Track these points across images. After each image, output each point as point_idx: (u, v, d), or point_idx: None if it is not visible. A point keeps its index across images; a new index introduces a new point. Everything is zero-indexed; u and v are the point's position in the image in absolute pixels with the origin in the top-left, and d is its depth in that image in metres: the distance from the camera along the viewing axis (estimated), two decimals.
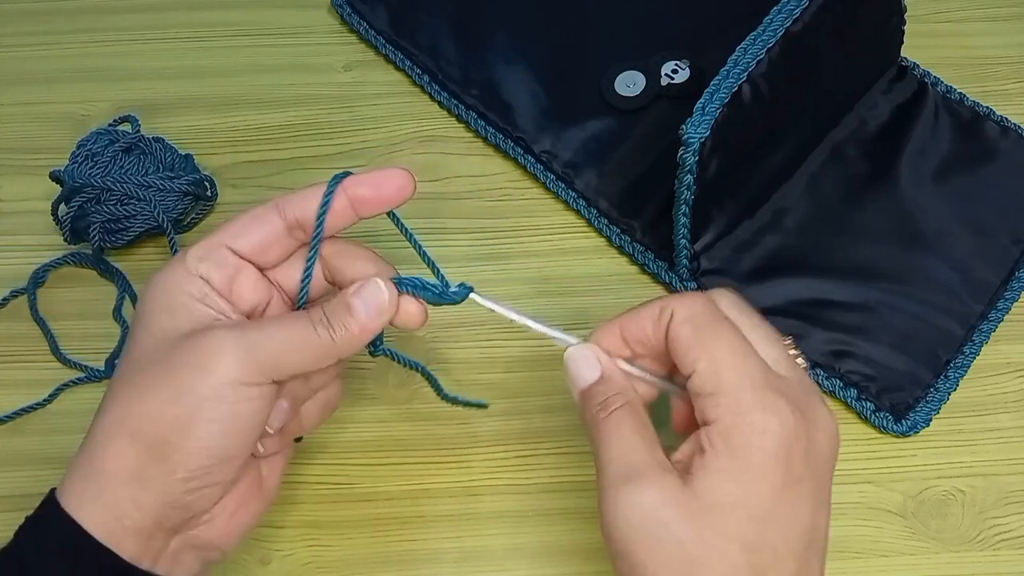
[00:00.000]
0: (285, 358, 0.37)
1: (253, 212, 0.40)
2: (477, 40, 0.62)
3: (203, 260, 0.38)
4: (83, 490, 0.36)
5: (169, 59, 0.63)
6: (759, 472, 0.34)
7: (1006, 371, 0.51)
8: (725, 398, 0.35)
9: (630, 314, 0.39)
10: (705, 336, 0.36)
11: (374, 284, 0.39)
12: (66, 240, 0.54)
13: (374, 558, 0.47)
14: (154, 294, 0.38)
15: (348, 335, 0.38)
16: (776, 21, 0.49)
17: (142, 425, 0.36)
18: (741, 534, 0.34)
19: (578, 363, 0.39)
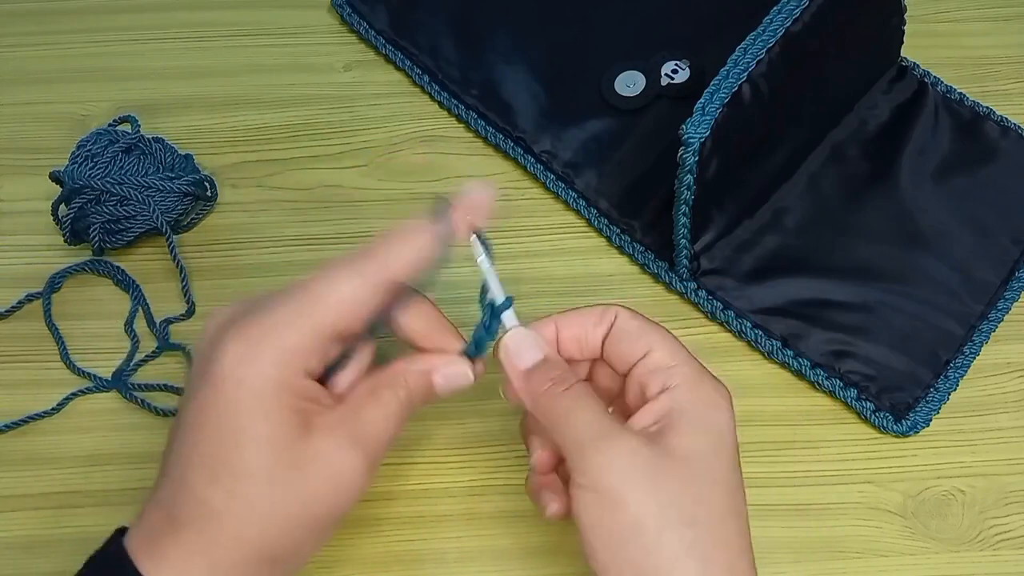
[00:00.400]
0: (386, 441, 0.38)
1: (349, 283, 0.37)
2: (477, 40, 0.62)
3: (307, 354, 0.37)
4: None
5: (169, 59, 0.63)
6: (724, 429, 0.38)
7: (1006, 371, 0.51)
8: (685, 366, 0.39)
9: (569, 315, 0.41)
10: (653, 326, 0.40)
11: (463, 373, 0.40)
12: (66, 241, 0.54)
13: (374, 558, 0.47)
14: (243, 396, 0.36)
15: (424, 404, 0.40)
16: (776, 21, 0.49)
17: (275, 552, 0.36)
18: (725, 479, 0.37)
19: (521, 344, 0.40)
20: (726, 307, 0.52)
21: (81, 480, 0.49)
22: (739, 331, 0.52)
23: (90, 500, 0.48)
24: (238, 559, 0.35)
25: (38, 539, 0.47)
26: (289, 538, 0.36)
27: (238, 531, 0.35)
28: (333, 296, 0.37)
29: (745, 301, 0.53)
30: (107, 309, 0.54)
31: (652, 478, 0.36)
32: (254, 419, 0.35)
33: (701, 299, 0.53)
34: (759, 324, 0.52)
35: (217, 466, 0.35)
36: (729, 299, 0.53)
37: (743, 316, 0.52)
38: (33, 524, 0.47)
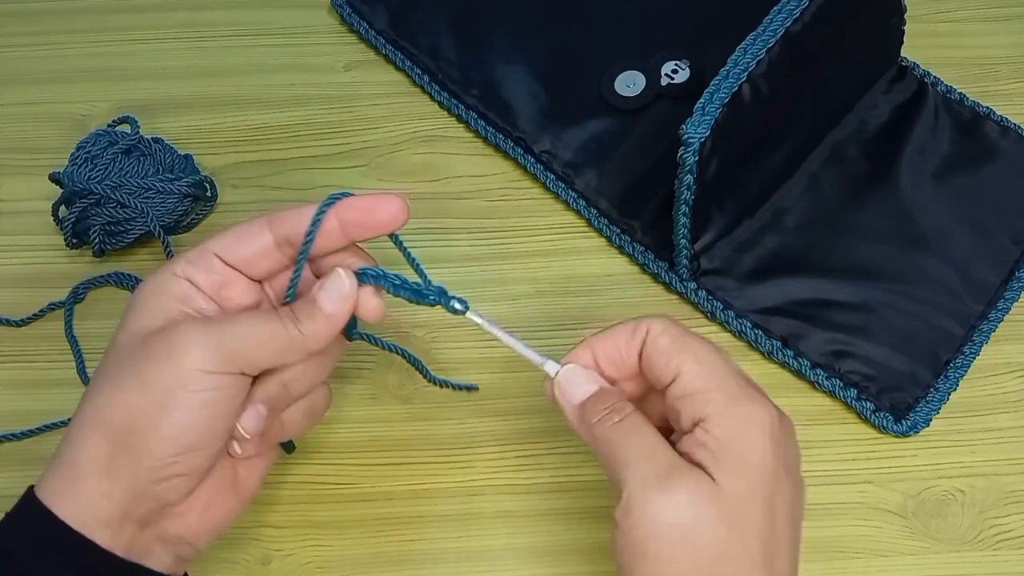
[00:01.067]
0: (253, 349, 0.38)
1: (245, 225, 0.40)
2: (477, 40, 0.62)
3: (191, 264, 0.39)
4: (57, 483, 0.36)
5: (169, 59, 0.63)
6: (760, 458, 0.36)
7: (1006, 371, 0.51)
8: (717, 391, 0.36)
9: (602, 335, 0.40)
10: (685, 342, 0.38)
11: (335, 274, 0.39)
12: (68, 244, 0.54)
13: (374, 558, 0.47)
14: (138, 295, 0.39)
15: (314, 327, 0.39)
16: (776, 21, 0.49)
17: (111, 417, 0.36)
18: (759, 525, 0.35)
19: (573, 380, 0.39)
20: (726, 307, 0.52)
21: None
22: (739, 331, 0.52)
23: None
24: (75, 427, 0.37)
25: None
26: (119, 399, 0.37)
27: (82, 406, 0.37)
28: (226, 231, 0.40)
29: (745, 301, 0.53)
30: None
31: (694, 533, 0.35)
32: (136, 312, 0.38)
33: (701, 299, 0.53)
34: (759, 324, 0.52)
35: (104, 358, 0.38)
36: (729, 299, 0.53)
37: (743, 316, 0.52)
38: None
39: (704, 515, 0.35)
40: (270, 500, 0.48)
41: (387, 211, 0.40)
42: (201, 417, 0.37)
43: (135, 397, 0.36)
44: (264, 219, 0.40)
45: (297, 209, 0.40)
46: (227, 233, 0.40)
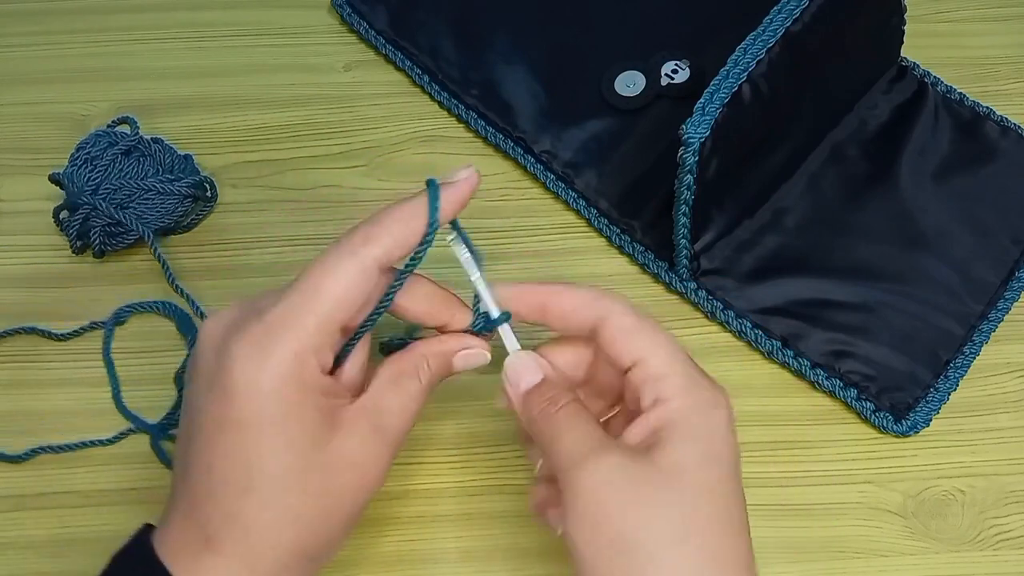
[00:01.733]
0: (407, 427, 0.39)
1: (346, 270, 0.36)
2: (477, 40, 0.62)
3: (319, 350, 0.36)
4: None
5: (169, 59, 0.63)
6: (718, 440, 0.37)
7: (1006, 371, 0.51)
8: (678, 377, 0.37)
9: (560, 288, 0.40)
10: (647, 327, 0.38)
11: (480, 354, 0.41)
12: (73, 249, 0.54)
13: (374, 558, 0.47)
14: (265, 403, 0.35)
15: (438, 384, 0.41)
16: (776, 21, 0.49)
17: (310, 550, 0.37)
18: (717, 491, 0.36)
19: (519, 368, 0.40)
20: (726, 307, 0.52)
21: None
22: (739, 331, 0.52)
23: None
24: (276, 563, 0.36)
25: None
26: (323, 534, 0.37)
27: (274, 538, 0.36)
28: (333, 285, 0.36)
29: (745, 301, 0.53)
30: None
31: (638, 495, 0.35)
32: (275, 425, 0.35)
33: (701, 299, 0.53)
34: (759, 324, 0.52)
35: (245, 478, 0.35)
36: (729, 299, 0.53)
37: (743, 316, 0.52)
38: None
39: (636, 476, 0.35)
40: None
41: (475, 184, 0.40)
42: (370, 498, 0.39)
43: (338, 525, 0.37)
44: (357, 252, 0.37)
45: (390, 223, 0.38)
46: (332, 290, 0.36)
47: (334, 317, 0.36)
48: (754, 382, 0.51)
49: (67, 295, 0.54)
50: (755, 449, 0.49)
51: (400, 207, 0.38)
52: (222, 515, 0.35)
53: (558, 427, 0.38)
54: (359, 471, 0.37)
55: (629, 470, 0.35)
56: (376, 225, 0.38)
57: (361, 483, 0.37)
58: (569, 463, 0.36)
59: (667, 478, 0.35)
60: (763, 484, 0.48)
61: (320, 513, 0.37)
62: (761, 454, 0.49)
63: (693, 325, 0.53)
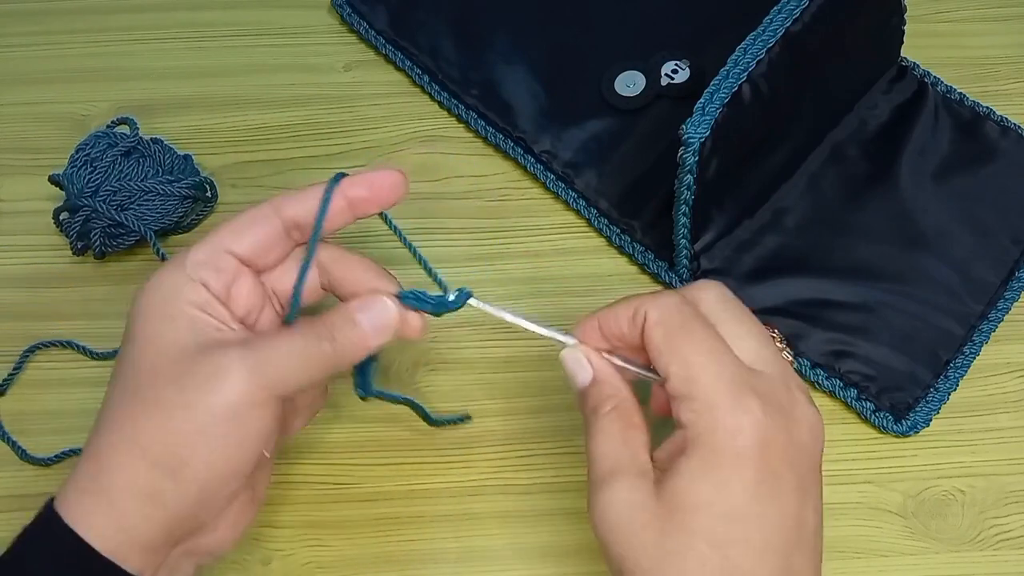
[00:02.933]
0: (292, 374, 0.37)
1: (251, 213, 0.40)
2: (477, 40, 0.62)
3: (203, 265, 0.38)
4: (90, 505, 0.36)
5: (169, 59, 0.63)
6: (731, 472, 0.34)
7: (1006, 371, 0.51)
8: (697, 403, 0.35)
9: (607, 310, 0.39)
10: (676, 339, 0.36)
11: (382, 303, 0.39)
12: (73, 251, 0.54)
13: (374, 558, 0.47)
14: (152, 300, 0.38)
15: (351, 349, 0.39)
16: (776, 21, 0.49)
17: (153, 442, 0.36)
18: (709, 531, 0.34)
19: (571, 365, 0.40)
20: None
21: None
22: None
23: None
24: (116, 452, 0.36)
25: None
26: (168, 430, 0.36)
27: (118, 428, 0.36)
28: (232, 220, 0.39)
29: (745, 301, 0.52)
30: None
31: (639, 534, 0.35)
32: (154, 321, 0.37)
33: None
34: None
35: (124, 371, 0.37)
36: None
37: None
38: None
39: (636, 516, 0.35)
40: (270, 500, 0.48)
41: (388, 184, 0.40)
42: (246, 443, 0.37)
43: (180, 424, 0.36)
44: (268, 205, 0.40)
45: (302, 191, 0.40)
46: (233, 223, 0.39)
47: (220, 241, 0.39)
48: None
49: (67, 295, 0.54)
50: None
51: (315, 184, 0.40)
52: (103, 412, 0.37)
53: (594, 436, 0.38)
54: (221, 389, 0.36)
55: (636, 505, 0.35)
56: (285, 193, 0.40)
57: (222, 405, 0.36)
58: (591, 478, 0.37)
59: (671, 518, 0.34)
60: None
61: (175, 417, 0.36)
62: None
63: None
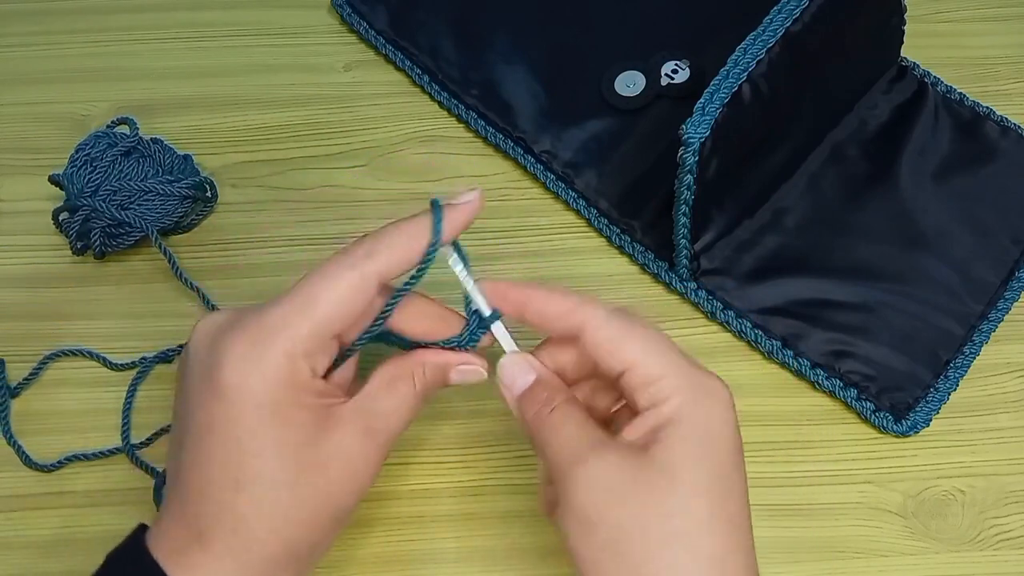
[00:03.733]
0: (400, 429, 0.39)
1: (346, 281, 0.37)
2: (477, 40, 0.62)
3: (311, 355, 0.37)
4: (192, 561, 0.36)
5: (169, 59, 0.63)
6: (718, 439, 0.36)
7: (1006, 371, 0.51)
8: (672, 377, 0.36)
9: (538, 292, 0.39)
10: (636, 328, 0.38)
11: (477, 372, 0.41)
12: (73, 251, 0.54)
13: (374, 558, 0.47)
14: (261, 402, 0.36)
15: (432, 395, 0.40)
16: (776, 21, 0.49)
17: (300, 548, 0.37)
18: (706, 488, 0.35)
19: (512, 370, 0.40)
20: (726, 307, 0.52)
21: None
22: (739, 331, 0.52)
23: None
24: (266, 561, 0.36)
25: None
26: (313, 533, 0.37)
27: (265, 535, 0.36)
28: (330, 294, 0.37)
29: (745, 301, 0.53)
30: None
31: (632, 495, 0.35)
32: (268, 424, 0.36)
33: (701, 299, 0.53)
34: (759, 324, 0.52)
35: (235, 475, 0.35)
36: (729, 299, 0.53)
37: (743, 316, 0.52)
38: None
39: (630, 476, 0.35)
40: None
41: (479, 208, 0.40)
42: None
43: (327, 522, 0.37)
44: (367, 274, 0.37)
45: (392, 239, 0.38)
46: (330, 299, 0.36)
47: (329, 325, 0.37)
48: (754, 382, 0.51)
49: (68, 295, 0.54)
50: (755, 449, 0.49)
51: (404, 224, 0.39)
52: (213, 512, 0.36)
53: (551, 428, 0.38)
54: (349, 470, 0.37)
55: (623, 469, 0.35)
56: (378, 241, 0.38)
57: (351, 483, 0.38)
58: (563, 463, 0.36)
59: (662, 477, 0.35)
60: (763, 484, 0.48)
61: (310, 511, 0.37)
62: (761, 454, 0.49)
63: (693, 325, 0.53)
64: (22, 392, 0.51)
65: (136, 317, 0.54)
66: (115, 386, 0.51)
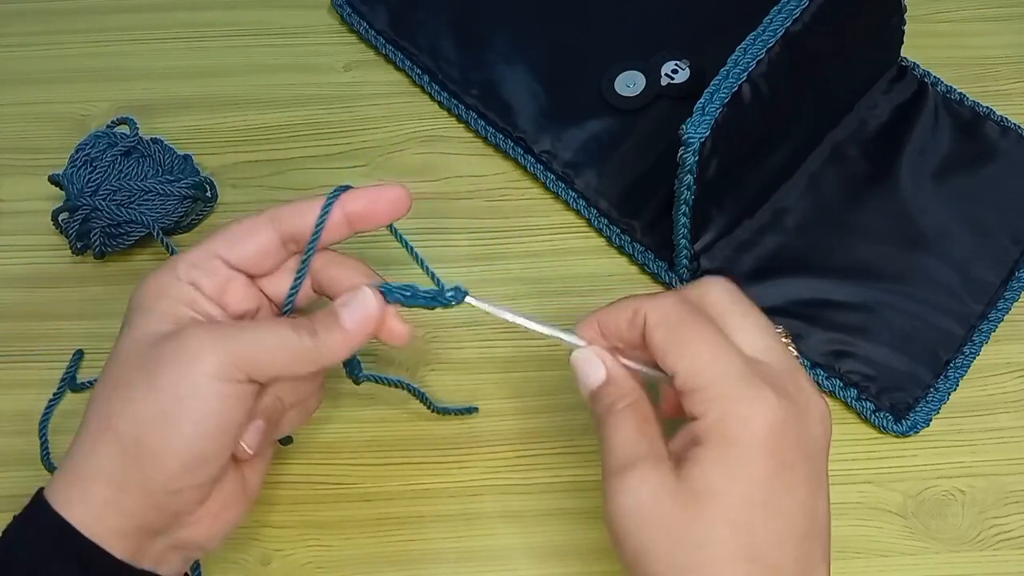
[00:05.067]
0: (264, 357, 0.37)
1: (248, 222, 0.40)
2: (477, 40, 0.62)
3: (194, 267, 0.39)
4: (69, 491, 0.36)
5: (169, 59, 0.63)
6: (748, 459, 0.35)
7: (1006, 371, 0.51)
8: (708, 393, 0.35)
9: (605, 312, 0.40)
10: (680, 336, 0.37)
11: (362, 293, 0.39)
12: (72, 251, 0.54)
13: (374, 558, 0.47)
14: (141, 298, 0.39)
15: (331, 341, 0.38)
16: (776, 21, 0.49)
17: (120, 425, 0.36)
18: (731, 517, 0.34)
19: (584, 366, 0.40)
20: None
21: None
22: None
23: None
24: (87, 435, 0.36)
25: None
26: (131, 410, 0.36)
27: (92, 414, 0.37)
28: (228, 228, 0.40)
29: None
30: None
31: (659, 519, 0.35)
32: (138, 313, 0.38)
33: None
34: None
35: (108, 361, 0.38)
36: None
37: None
38: None
39: (658, 502, 0.35)
40: (270, 500, 0.48)
41: (389, 199, 0.40)
42: (211, 427, 0.36)
43: (145, 406, 0.36)
44: (266, 216, 0.40)
45: (300, 203, 0.40)
46: (228, 232, 0.40)
47: (216, 245, 0.39)
48: None
49: (67, 295, 0.54)
50: None
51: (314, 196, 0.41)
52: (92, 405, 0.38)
53: (612, 428, 0.37)
54: (177, 363, 0.36)
55: (658, 491, 0.35)
56: (287, 203, 0.41)
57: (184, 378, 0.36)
58: (610, 468, 0.36)
59: (692, 502, 0.34)
60: None
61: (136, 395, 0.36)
62: None
63: None
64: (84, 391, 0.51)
65: None
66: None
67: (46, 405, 0.50)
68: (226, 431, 0.37)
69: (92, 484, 0.36)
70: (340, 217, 0.40)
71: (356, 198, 0.40)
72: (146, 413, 0.36)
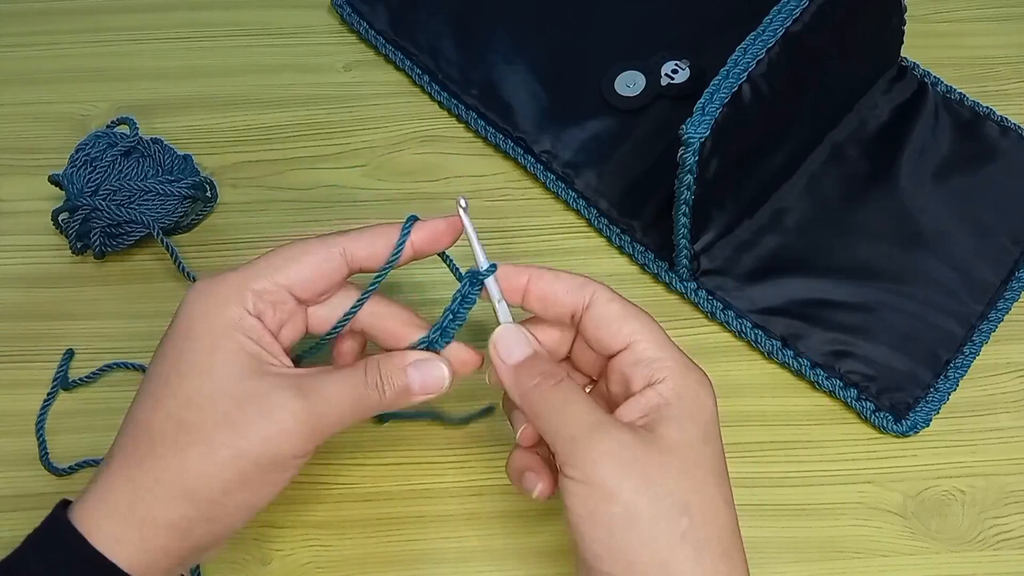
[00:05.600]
0: (341, 421, 0.39)
1: (316, 250, 0.40)
2: (477, 40, 0.62)
3: (262, 300, 0.39)
4: (120, 533, 0.36)
5: (169, 59, 0.63)
6: (710, 414, 0.38)
7: (1006, 371, 0.51)
8: (669, 360, 0.39)
9: (546, 273, 0.41)
10: (635, 312, 0.40)
11: (438, 368, 0.40)
12: (72, 250, 0.54)
13: (374, 558, 0.47)
14: (206, 327, 0.38)
15: (394, 401, 0.40)
16: (776, 21, 0.49)
17: (198, 486, 0.36)
18: (709, 465, 0.37)
19: (508, 341, 0.40)
20: (726, 307, 0.52)
21: None
22: (739, 331, 0.52)
23: None
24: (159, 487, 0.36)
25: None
26: (214, 474, 0.36)
27: (162, 461, 0.36)
28: (290, 251, 0.40)
29: (745, 301, 0.53)
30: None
31: (644, 470, 0.36)
32: (208, 352, 0.37)
33: (701, 299, 0.53)
34: (759, 324, 0.52)
35: (170, 400, 0.37)
36: (729, 299, 0.53)
37: (743, 316, 0.52)
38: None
39: (644, 455, 0.36)
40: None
41: (445, 228, 0.42)
42: (281, 486, 0.38)
43: (227, 472, 0.36)
44: (336, 244, 0.40)
45: (367, 234, 0.41)
46: (298, 264, 0.39)
47: (283, 277, 0.39)
48: (754, 382, 0.51)
49: (67, 295, 0.54)
50: (755, 449, 0.49)
51: (379, 224, 0.42)
52: (132, 427, 0.37)
53: (560, 400, 0.38)
54: (271, 420, 0.36)
55: (633, 447, 0.36)
56: (353, 229, 0.41)
57: (270, 433, 0.36)
58: (578, 436, 0.37)
59: (669, 456, 0.36)
60: (763, 484, 0.48)
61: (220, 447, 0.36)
62: (761, 454, 0.49)
63: (693, 325, 0.53)
64: (76, 389, 0.51)
65: (135, 317, 0.54)
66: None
67: (40, 406, 0.50)
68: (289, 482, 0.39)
69: (153, 534, 0.36)
70: (408, 248, 0.41)
71: (423, 228, 0.41)
72: (228, 478, 0.36)
